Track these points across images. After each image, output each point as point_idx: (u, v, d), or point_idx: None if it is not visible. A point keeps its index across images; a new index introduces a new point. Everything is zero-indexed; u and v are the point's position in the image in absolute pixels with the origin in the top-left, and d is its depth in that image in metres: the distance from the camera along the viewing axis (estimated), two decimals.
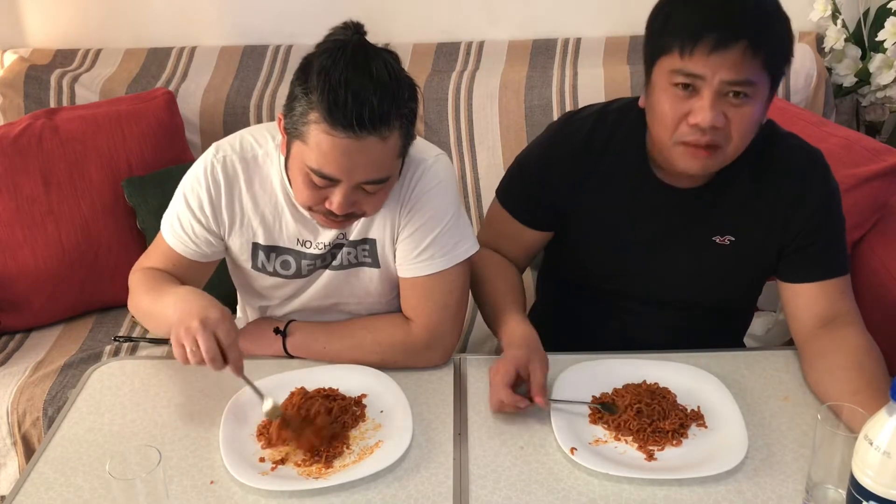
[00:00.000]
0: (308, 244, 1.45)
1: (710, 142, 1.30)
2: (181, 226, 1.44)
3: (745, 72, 1.26)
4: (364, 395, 1.37)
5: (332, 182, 1.27)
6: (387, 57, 1.25)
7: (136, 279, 1.48)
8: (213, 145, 1.44)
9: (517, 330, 1.41)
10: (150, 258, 1.50)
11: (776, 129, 1.45)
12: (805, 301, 1.43)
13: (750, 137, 1.33)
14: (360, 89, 1.20)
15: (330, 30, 1.28)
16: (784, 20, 1.31)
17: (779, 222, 1.43)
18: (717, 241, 1.45)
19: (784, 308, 1.48)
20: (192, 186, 1.43)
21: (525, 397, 1.29)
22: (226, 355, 1.25)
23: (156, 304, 1.38)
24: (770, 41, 1.27)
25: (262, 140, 1.43)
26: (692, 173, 1.37)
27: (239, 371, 1.27)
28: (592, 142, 1.47)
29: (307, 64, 1.25)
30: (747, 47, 1.24)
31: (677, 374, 1.40)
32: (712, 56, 1.25)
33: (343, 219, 1.33)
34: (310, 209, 1.35)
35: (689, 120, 1.29)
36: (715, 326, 1.58)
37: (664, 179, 1.44)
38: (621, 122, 1.46)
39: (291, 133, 1.28)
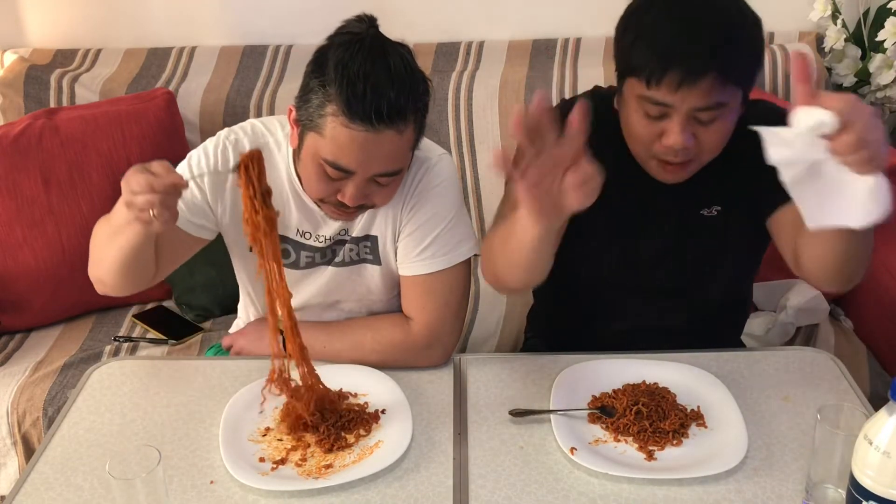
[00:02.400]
0: (308, 236, 1.45)
1: (683, 160, 1.31)
2: None
3: (715, 97, 1.24)
4: (377, 411, 1.36)
5: (346, 174, 1.28)
6: (402, 51, 1.26)
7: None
8: (226, 129, 1.43)
9: None
10: None
11: (757, 102, 1.42)
12: (793, 220, 1.33)
13: (725, 143, 1.33)
14: (379, 83, 1.21)
15: (342, 22, 1.29)
16: (751, 28, 1.27)
17: (757, 175, 1.37)
18: (705, 213, 1.45)
19: (778, 244, 1.44)
20: (199, 159, 1.41)
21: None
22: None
23: (108, 221, 1.34)
24: (739, 62, 1.25)
25: (272, 129, 1.44)
26: (667, 183, 1.37)
27: (170, 172, 1.20)
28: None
29: (322, 56, 1.26)
30: (716, 77, 1.22)
31: (677, 374, 1.40)
32: (681, 89, 1.23)
33: (354, 210, 1.34)
34: (321, 200, 1.35)
35: (662, 141, 1.29)
36: (712, 321, 1.57)
37: None
38: (605, 110, 1.41)
39: (306, 125, 1.28)
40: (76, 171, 2.11)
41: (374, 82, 1.20)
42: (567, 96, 2.34)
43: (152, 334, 2.06)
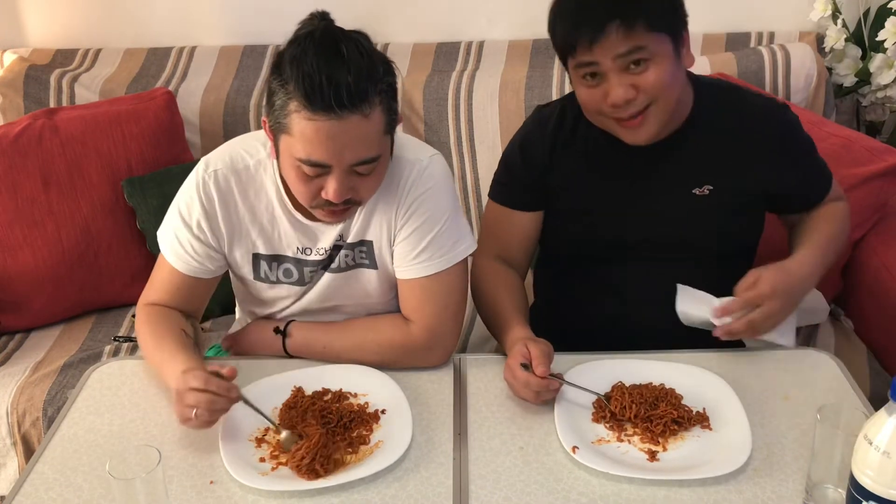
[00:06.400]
0: (308, 251, 1.45)
1: (633, 112, 1.38)
2: (180, 244, 1.42)
3: (629, 42, 1.33)
4: (377, 411, 1.35)
5: (323, 169, 1.27)
6: (357, 37, 1.26)
7: (140, 318, 1.47)
8: (202, 161, 1.42)
9: (520, 331, 1.43)
10: (154, 287, 1.48)
11: (739, 86, 1.53)
12: (794, 223, 1.58)
13: (677, 90, 1.41)
14: (334, 70, 1.20)
15: (298, 24, 1.29)
16: None
17: (754, 166, 1.49)
18: (697, 192, 1.50)
19: (790, 229, 1.61)
20: (187, 204, 1.41)
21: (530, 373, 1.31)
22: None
23: (154, 358, 1.41)
24: (642, 6, 1.34)
25: (252, 150, 1.42)
26: (643, 144, 1.43)
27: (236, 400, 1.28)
28: (564, 121, 1.54)
29: (279, 58, 1.26)
30: (620, 25, 1.32)
31: (682, 375, 1.39)
32: (594, 45, 1.34)
33: (343, 207, 1.32)
34: (311, 207, 1.34)
35: (607, 101, 1.38)
36: (714, 280, 1.54)
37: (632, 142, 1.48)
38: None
39: (276, 128, 1.28)
40: (76, 171, 2.11)
41: (329, 71, 1.20)
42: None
43: None
